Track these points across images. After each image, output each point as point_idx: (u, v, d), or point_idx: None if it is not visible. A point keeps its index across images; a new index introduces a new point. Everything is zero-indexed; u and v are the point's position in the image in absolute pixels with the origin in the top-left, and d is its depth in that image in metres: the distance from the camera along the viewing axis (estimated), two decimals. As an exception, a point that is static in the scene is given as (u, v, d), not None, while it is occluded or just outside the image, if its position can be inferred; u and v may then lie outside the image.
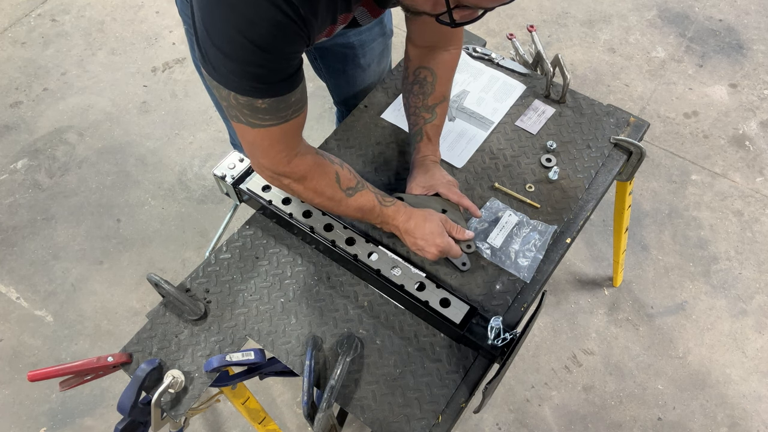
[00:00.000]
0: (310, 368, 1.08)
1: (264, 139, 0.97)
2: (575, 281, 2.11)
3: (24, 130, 2.54)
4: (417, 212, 1.18)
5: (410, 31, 1.23)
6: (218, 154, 2.46)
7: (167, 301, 1.20)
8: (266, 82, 0.88)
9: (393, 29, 1.55)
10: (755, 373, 1.91)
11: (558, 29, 2.84)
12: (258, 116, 0.92)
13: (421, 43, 1.24)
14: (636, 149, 1.38)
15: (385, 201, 1.17)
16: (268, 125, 0.94)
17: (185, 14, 1.33)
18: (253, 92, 0.88)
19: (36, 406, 1.89)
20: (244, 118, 0.93)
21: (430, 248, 1.16)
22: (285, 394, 1.91)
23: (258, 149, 1.00)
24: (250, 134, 0.96)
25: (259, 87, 0.88)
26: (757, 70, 2.66)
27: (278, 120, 0.94)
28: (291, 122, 0.96)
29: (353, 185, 1.13)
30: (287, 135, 0.99)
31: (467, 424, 1.85)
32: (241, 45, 0.81)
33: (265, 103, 0.90)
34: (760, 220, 2.22)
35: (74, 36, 2.87)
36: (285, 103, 0.92)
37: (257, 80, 0.87)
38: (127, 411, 1.03)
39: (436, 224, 1.17)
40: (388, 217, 1.17)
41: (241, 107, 0.91)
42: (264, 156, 1.02)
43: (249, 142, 0.99)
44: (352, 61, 1.50)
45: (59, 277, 2.15)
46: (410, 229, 1.17)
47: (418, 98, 1.27)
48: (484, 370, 1.13)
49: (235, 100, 0.89)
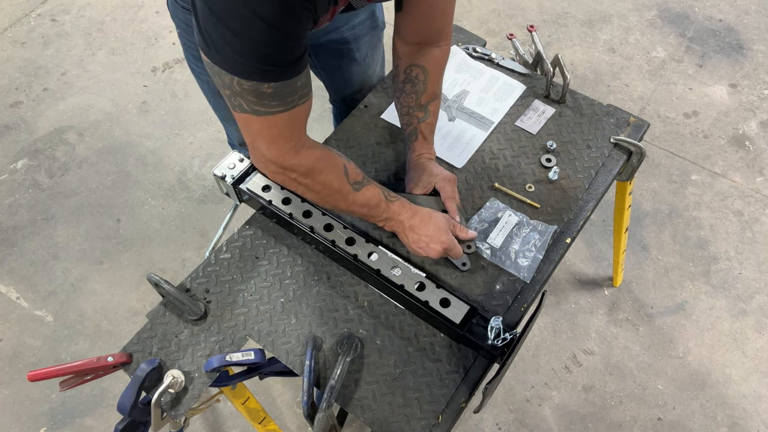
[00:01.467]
0: (310, 368, 1.08)
1: (271, 128, 0.94)
2: (575, 281, 2.11)
3: (24, 130, 2.54)
4: (422, 209, 1.17)
5: (400, 27, 1.20)
6: (218, 154, 2.46)
7: (167, 301, 1.20)
8: (273, 64, 0.85)
9: (385, 22, 1.55)
10: (755, 373, 1.91)
11: (558, 29, 2.84)
12: (263, 102, 0.89)
13: (411, 39, 1.21)
14: (636, 149, 1.38)
15: (390, 196, 1.16)
16: (275, 112, 0.90)
17: (178, 18, 1.30)
18: (258, 76, 0.85)
19: (36, 406, 1.89)
20: (248, 106, 0.89)
21: (434, 245, 1.14)
22: (285, 394, 1.91)
23: (263, 140, 0.97)
24: (255, 124, 0.93)
25: (266, 70, 0.85)
26: (757, 70, 2.66)
27: (285, 106, 0.90)
28: (298, 108, 0.93)
29: (360, 179, 1.11)
30: (294, 123, 0.95)
31: (467, 424, 1.85)
32: (249, 21, 0.78)
33: (271, 87, 0.87)
34: (760, 220, 2.23)
35: (74, 36, 2.87)
36: (291, 88, 0.89)
37: (264, 61, 0.84)
38: (127, 411, 1.03)
39: (442, 221, 1.16)
40: (394, 213, 1.15)
41: (245, 93, 0.87)
42: (270, 147, 0.98)
43: (254, 132, 0.96)
44: (347, 55, 1.50)
45: (59, 277, 2.15)
46: (415, 225, 1.15)
47: (410, 97, 1.25)
48: (484, 370, 1.13)
49: (239, 86, 0.86)
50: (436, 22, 1.18)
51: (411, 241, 1.17)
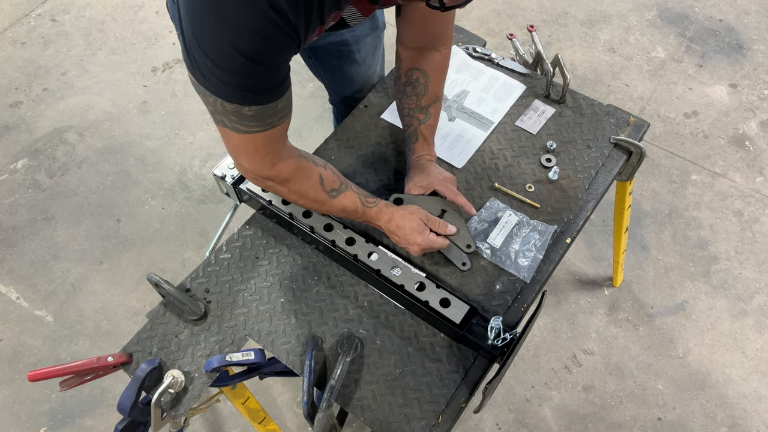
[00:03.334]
0: (310, 368, 1.08)
1: (248, 145, 0.98)
2: (575, 281, 2.11)
3: (24, 130, 2.54)
4: (398, 212, 1.19)
5: (401, 32, 1.23)
6: (218, 154, 2.46)
7: (167, 301, 1.20)
8: (255, 91, 0.88)
9: (385, 23, 1.55)
10: (755, 373, 1.91)
11: (558, 29, 2.84)
12: (244, 122, 0.92)
13: (411, 45, 1.24)
14: (636, 149, 1.38)
15: (368, 202, 1.18)
16: (253, 131, 0.95)
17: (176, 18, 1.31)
18: (241, 100, 0.88)
19: (36, 406, 1.89)
20: (230, 124, 0.93)
21: (411, 247, 1.18)
22: (285, 394, 1.91)
23: (242, 153, 1.01)
24: (234, 139, 0.97)
25: (248, 95, 0.88)
26: (757, 70, 2.66)
27: (264, 127, 0.94)
28: (276, 128, 0.97)
29: (336, 186, 1.14)
30: (272, 141, 1.00)
31: (467, 424, 1.85)
32: (231, 56, 0.81)
33: (252, 110, 0.90)
34: (760, 220, 2.22)
35: (74, 36, 2.87)
36: (272, 110, 0.93)
37: (246, 89, 0.87)
38: (127, 411, 1.03)
39: (416, 222, 1.18)
40: (371, 219, 1.19)
41: (228, 114, 0.91)
42: (248, 160, 1.03)
43: (233, 146, 1.00)
44: (348, 57, 1.50)
45: (59, 277, 2.15)
46: (392, 229, 1.19)
47: (411, 100, 1.27)
48: (484, 370, 1.13)
49: (222, 106, 0.89)
50: (433, 27, 1.20)
51: (394, 242, 1.23)
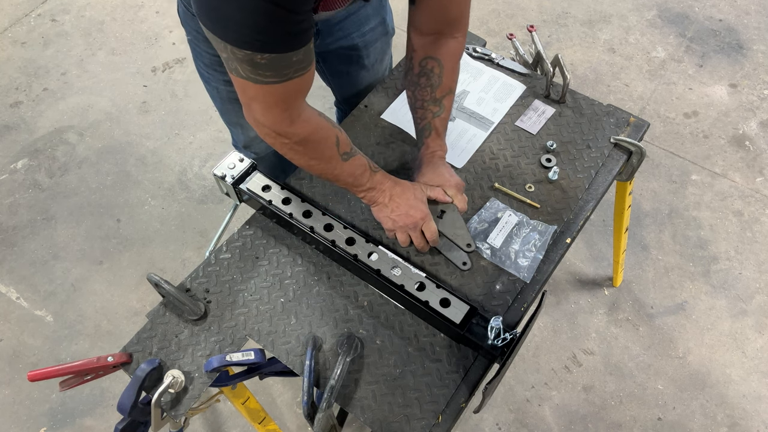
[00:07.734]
0: (310, 368, 1.08)
1: (267, 96, 0.95)
2: (575, 281, 2.11)
3: (24, 130, 2.54)
4: (403, 180, 1.22)
5: (415, 18, 1.20)
6: (218, 154, 2.46)
7: (167, 301, 1.20)
8: (268, 35, 0.85)
9: (395, 29, 1.55)
10: (755, 373, 1.91)
11: (558, 29, 2.84)
12: (258, 72, 0.89)
13: (426, 30, 1.20)
14: (636, 149, 1.38)
15: (374, 167, 1.19)
16: (270, 82, 0.91)
17: (188, 25, 1.30)
18: (251, 45, 0.85)
19: (36, 406, 1.89)
20: (244, 73, 0.90)
21: (413, 212, 1.18)
22: (285, 394, 1.91)
23: (259, 106, 0.97)
24: (251, 89, 0.94)
25: (259, 40, 0.85)
26: (757, 70, 2.66)
27: (280, 77, 0.91)
28: (294, 81, 0.93)
29: (348, 150, 1.13)
30: (291, 94, 0.96)
31: (467, 424, 1.85)
32: None
33: (264, 58, 0.87)
34: (760, 220, 2.22)
35: (74, 36, 2.87)
36: (287, 61, 0.89)
37: (258, 32, 0.84)
38: (127, 411, 1.03)
39: (420, 191, 1.21)
40: (377, 182, 1.18)
41: (240, 62, 0.88)
42: (265, 114, 0.99)
43: (250, 96, 0.96)
44: (357, 62, 1.50)
45: (59, 277, 2.15)
46: (396, 193, 1.19)
47: (425, 91, 1.23)
48: (484, 370, 1.13)
49: (233, 53, 0.87)
50: (451, 11, 1.18)
51: (390, 211, 1.20)
